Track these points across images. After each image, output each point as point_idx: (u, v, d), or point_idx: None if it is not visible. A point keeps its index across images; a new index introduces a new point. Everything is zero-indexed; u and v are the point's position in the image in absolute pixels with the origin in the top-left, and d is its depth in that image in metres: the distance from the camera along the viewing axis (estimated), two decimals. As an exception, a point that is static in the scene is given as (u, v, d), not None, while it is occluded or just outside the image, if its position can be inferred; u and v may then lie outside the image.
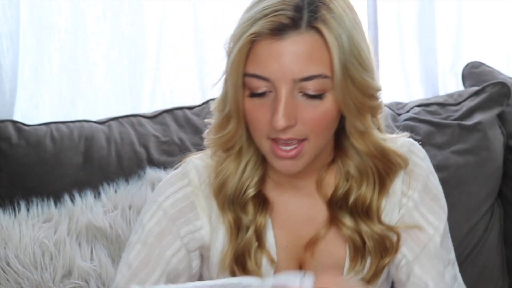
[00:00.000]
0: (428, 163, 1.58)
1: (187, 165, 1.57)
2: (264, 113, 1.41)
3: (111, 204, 2.03)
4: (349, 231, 1.52)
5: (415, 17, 2.50)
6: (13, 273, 1.90)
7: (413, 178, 1.56)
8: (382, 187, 1.53)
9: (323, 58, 1.39)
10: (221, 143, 1.50)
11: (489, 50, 2.55)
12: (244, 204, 1.52)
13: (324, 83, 1.40)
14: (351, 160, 1.51)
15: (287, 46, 1.38)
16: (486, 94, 2.31)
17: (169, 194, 1.55)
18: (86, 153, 2.13)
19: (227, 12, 2.35)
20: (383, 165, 1.52)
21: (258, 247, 1.52)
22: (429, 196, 1.57)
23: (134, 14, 2.30)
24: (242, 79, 1.41)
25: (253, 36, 1.38)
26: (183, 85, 2.38)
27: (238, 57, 1.40)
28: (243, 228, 1.52)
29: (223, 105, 1.47)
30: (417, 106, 2.34)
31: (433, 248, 1.56)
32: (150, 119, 2.23)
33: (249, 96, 1.42)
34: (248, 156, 1.51)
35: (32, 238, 1.94)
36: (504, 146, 2.30)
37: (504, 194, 2.30)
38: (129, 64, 2.32)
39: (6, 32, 2.20)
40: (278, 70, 1.38)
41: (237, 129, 1.47)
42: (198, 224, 1.54)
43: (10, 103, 2.22)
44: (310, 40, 1.38)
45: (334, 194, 1.53)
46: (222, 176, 1.52)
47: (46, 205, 2.02)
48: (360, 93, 1.42)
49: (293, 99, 1.40)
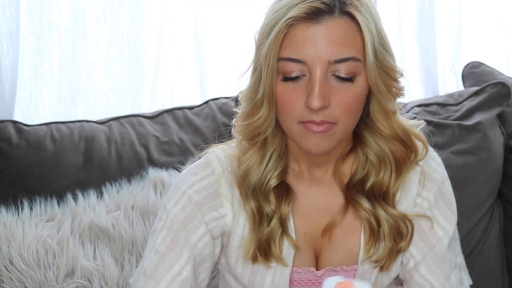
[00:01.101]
0: (443, 169, 1.65)
1: (209, 155, 1.61)
2: (298, 96, 1.46)
3: (113, 204, 2.03)
4: (366, 214, 1.57)
5: (415, 17, 2.51)
6: (16, 272, 1.90)
7: (429, 180, 1.61)
8: (399, 174, 1.58)
9: (355, 42, 1.46)
10: (250, 130, 1.54)
11: (489, 50, 2.55)
12: (267, 194, 1.56)
13: (356, 66, 1.46)
14: (370, 149, 1.57)
15: (322, 30, 1.44)
16: (486, 94, 2.31)
17: (193, 182, 1.59)
18: (86, 153, 2.12)
19: (227, 12, 2.36)
20: (403, 149, 1.57)
21: (282, 234, 1.56)
22: (442, 199, 1.63)
23: (134, 14, 2.30)
24: (276, 64, 1.46)
25: (291, 20, 1.44)
26: (183, 85, 2.38)
27: (274, 41, 1.45)
28: (264, 216, 1.56)
29: (254, 92, 1.51)
30: (417, 106, 2.34)
31: (440, 251, 1.61)
32: (150, 119, 2.23)
33: (282, 80, 1.47)
34: (273, 147, 1.56)
35: (35, 237, 1.94)
36: (504, 146, 2.30)
37: (504, 194, 2.30)
38: (129, 64, 2.32)
39: (6, 32, 2.20)
40: (313, 52, 1.44)
41: (268, 114, 1.51)
42: (222, 211, 1.58)
43: (10, 103, 2.22)
44: (344, 24, 1.45)
45: (351, 180, 1.58)
46: (246, 166, 1.56)
47: (49, 204, 2.02)
48: (387, 75, 1.49)
49: (326, 81, 1.45)
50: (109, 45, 2.30)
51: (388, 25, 2.48)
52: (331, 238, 1.59)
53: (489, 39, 2.56)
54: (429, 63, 2.53)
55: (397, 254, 1.59)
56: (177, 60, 2.37)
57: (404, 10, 2.50)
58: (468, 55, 2.53)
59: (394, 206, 1.58)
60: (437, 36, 2.52)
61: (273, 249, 1.56)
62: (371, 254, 1.57)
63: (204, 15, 2.35)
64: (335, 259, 1.59)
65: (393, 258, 1.59)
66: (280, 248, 1.56)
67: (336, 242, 1.59)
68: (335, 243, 1.59)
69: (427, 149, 1.60)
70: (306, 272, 1.59)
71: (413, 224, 1.59)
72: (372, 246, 1.57)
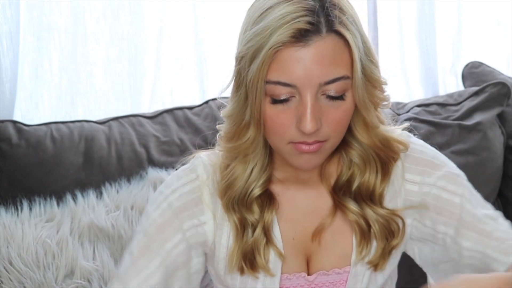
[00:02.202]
0: (428, 146, 1.59)
1: (195, 160, 1.59)
2: (288, 118, 1.42)
3: (113, 204, 2.03)
4: (354, 216, 1.53)
5: (415, 17, 2.51)
6: (15, 273, 1.90)
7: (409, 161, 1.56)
8: (385, 173, 1.54)
9: (343, 59, 1.41)
10: (236, 151, 1.50)
11: (489, 50, 2.55)
12: (250, 204, 1.53)
13: (346, 84, 1.41)
14: (354, 150, 1.53)
15: (311, 51, 1.38)
16: (486, 94, 2.31)
17: (176, 188, 1.56)
18: (86, 153, 2.13)
19: (227, 12, 2.36)
20: (385, 154, 1.53)
21: (267, 243, 1.53)
22: (441, 171, 1.56)
23: (134, 14, 2.30)
24: (264, 87, 1.41)
25: (277, 46, 1.38)
26: (183, 85, 2.38)
27: (261, 67, 1.39)
28: (248, 226, 1.53)
29: (240, 114, 1.46)
30: (417, 106, 2.34)
31: (468, 216, 1.53)
32: (150, 119, 2.23)
33: (271, 103, 1.42)
34: (255, 160, 1.51)
35: (35, 237, 1.94)
36: (504, 146, 2.30)
37: (504, 194, 2.30)
38: (129, 64, 2.32)
39: (6, 32, 2.20)
40: (303, 75, 1.39)
41: (256, 136, 1.47)
42: (202, 219, 1.55)
43: (10, 103, 2.22)
44: (332, 43, 1.39)
45: (337, 182, 1.55)
46: (229, 178, 1.53)
47: (49, 204, 2.02)
48: (374, 88, 1.45)
49: (317, 103, 1.41)
50: (109, 45, 2.30)
51: (388, 25, 2.49)
52: (321, 242, 1.55)
53: (489, 39, 2.56)
54: (429, 63, 2.53)
55: (390, 252, 1.56)
56: (177, 60, 2.37)
57: (404, 10, 2.50)
58: (468, 55, 2.53)
59: (381, 203, 1.54)
60: (437, 36, 2.52)
61: (258, 260, 1.52)
62: (364, 256, 1.54)
63: (204, 15, 2.35)
64: (327, 263, 1.56)
65: (386, 257, 1.55)
66: (266, 258, 1.53)
67: (327, 245, 1.56)
68: (325, 246, 1.56)
69: (407, 148, 1.55)
70: (297, 278, 1.56)
71: (404, 220, 1.55)
72: (364, 247, 1.54)
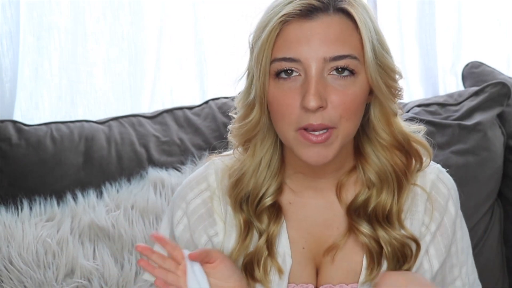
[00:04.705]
0: (454, 193, 1.58)
1: (208, 167, 1.59)
2: (294, 99, 1.41)
3: (113, 203, 2.03)
4: (365, 239, 1.51)
5: (415, 17, 2.51)
6: (16, 272, 1.90)
7: (436, 209, 1.55)
8: (400, 188, 1.52)
9: (352, 40, 1.42)
10: (242, 132, 1.50)
11: (489, 50, 2.55)
12: (260, 213, 1.52)
13: (354, 65, 1.41)
14: (371, 166, 1.51)
15: (317, 26, 1.40)
16: (486, 94, 2.31)
17: (190, 200, 1.58)
18: (86, 153, 2.12)
19: (227, 12, 2.36)
20: (403, 159, 1.52)
21: (268, 256, 1.52)
22: (440, 231, 1.57)
23: (134, 14, 2.30)
24: (269, 65, 1.42)
25: (284, 17, 1.40)
26: (183, 85, 2.38)
27: (267, 40, 1.41)
28: (252, 231, 1.53)
29: (247, 95, 1.47)
30: (417, 106, 2.34)
31: None
32: (150, 119, 2.23)
33: (275, 78, 1.42)
34: (263, 150, 1.51)
35: (35, 236, 1.94)
36: (504, 146, 2.30)
37: (504, 194, 2.30)
38: (129, 64, 2.32)
39: (6, 32, 2.20)
40: (308, 50, 1.40)
41: (260, 117, 1.46)
42: (215, 229, 1.56)
43: (10, 103, 2.22)
44: (339, 21, 1.41)
45: (354, 201, 1.53)
46: (239, 172, 1.53)
47: (49, 204, 2.02)
48: (387, 75, 1.45)
49: (323, 80, 1.40)
50: (109, 45, 2.30)
51: (388, 25, 2.49)
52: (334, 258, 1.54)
53: (489, 39, 2.56)
54: (429, 63, 2.53)
55: None
56: (177, 60, 2.37)
57: (404, 10, 2.50)
58: (468, 55, 2.53)
59: (400, 222, 1.53)
60: (437, 36, 2.51)
61: (256, 272, 1.52)
62: (373, 277, 1.52)
63: (204, 15, 2.35)
64: (335, 276, 1.54)
65: None
66: (266, 271, 1.52)
67: (337, 260, 1.54)
68: (335, 261, 1.54)
69: (430, 155, 1.55)
70: None
71: (419, 245, 1.54)
72: (373, 269, 1.52)
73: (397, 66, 1.48)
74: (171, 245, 1.45)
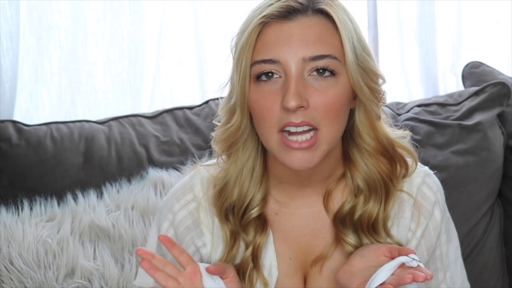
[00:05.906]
0: (440, 196, 1.58)
1: (194, 177, 1.58)
2: (274, 100, 1.41)
3: (113, 204, 2.03)
4: (351, 249, 1.51)
5: (415, 17, 2.51)
6: (16, 272, 1.90)
7: (422, 214, 1.55)
8: (387, 196, 1.52)
9: (331, 40, 1.42)
10: (224, 137, 1.49)
11: (489, 50, 2.55)
12: (246, 224, 1.52)
13: (334, 65, 1.41)
14: (359, 172, 1.51)
15: (296, 27, 1.41)
16: (486, 94, 2.31)
17: (177, 211, 1.57)
18: (86, 153, 2.12)
19: (227, 12, 2.36)
20: (388, 166, 1.51)
21: (254, 268, 1.52)
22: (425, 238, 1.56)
23: (134, 14, 2.30)
24: (249, 69, 1.42)
25: (264, 19, 1.40)
26: (183, 85, 2.38)
27: (247, 43, 1.42)
28: (239, 242, 1.53)
29: (229, 100, 1.47)
30: (417, 106, 2.34)
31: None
32: (150, 119, 2.23)
33: (256, 81, 1.42)
34: (246, 155, 1.50)
35: (35, 237, 1.94)
36: (504, 146, 2.30)
37: (504, 194, 2.30)
38: (129, 64, 2.32)
39: (6, 32, 2.20)
40: (287, 50, 1.40)
41: (241, 121, 1.46)
42: (202, 240, 1.56)
43: (10, 103, 2.22)
44: (319, 22, 1.42)
45: (339, 211, 1.52)
46: (222, 181, 1.52)
47: (49, 204, 2.02)
48: (368, 77, 1.44)
49: (303, 81, 1.40)
50: (109, 45, 2.30)
51: (388, 25, 2.49)
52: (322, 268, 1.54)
53: (489, 39, 2.56)
54: (429, 63, 2.53)
55: None
56: (177, 60, 2.37)
57: (404, 10, 2.50)
58: (468, 55, 2.53)
59: (388, 233, 1.52)
60: (437, 36, 2.51)
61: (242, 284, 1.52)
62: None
63: (204, 15, 2.35)
64: (323, 286, 1.53)
65: None
66: (252, 282, 1.52)
67: (325, 270, 1.54)
68: (324, 271, 1.54)
69: (416, 161, 1.54)
70: None
71: None
72: None
73: (380, 70, 1.47)
74: (178, 248, 1.45)
